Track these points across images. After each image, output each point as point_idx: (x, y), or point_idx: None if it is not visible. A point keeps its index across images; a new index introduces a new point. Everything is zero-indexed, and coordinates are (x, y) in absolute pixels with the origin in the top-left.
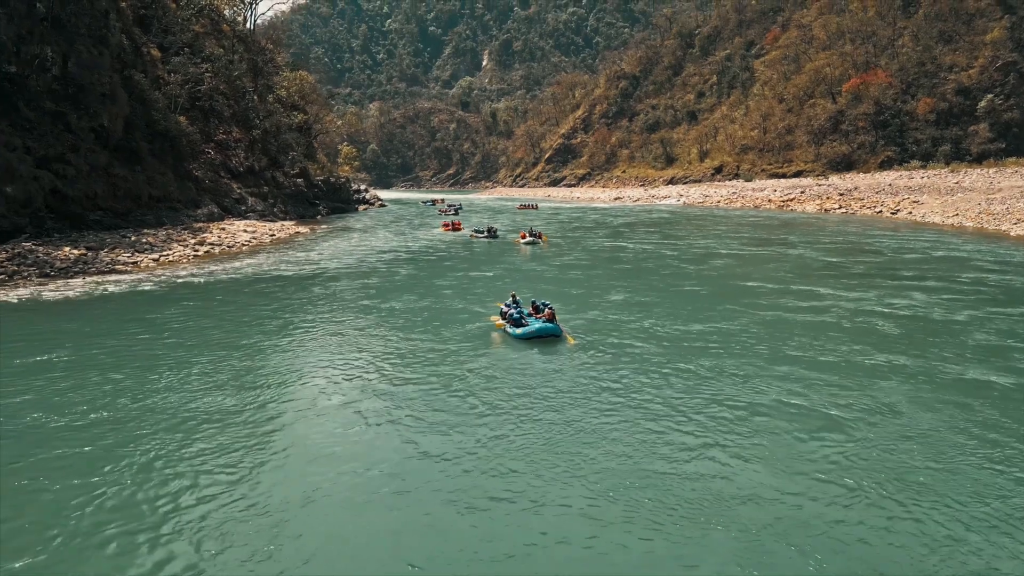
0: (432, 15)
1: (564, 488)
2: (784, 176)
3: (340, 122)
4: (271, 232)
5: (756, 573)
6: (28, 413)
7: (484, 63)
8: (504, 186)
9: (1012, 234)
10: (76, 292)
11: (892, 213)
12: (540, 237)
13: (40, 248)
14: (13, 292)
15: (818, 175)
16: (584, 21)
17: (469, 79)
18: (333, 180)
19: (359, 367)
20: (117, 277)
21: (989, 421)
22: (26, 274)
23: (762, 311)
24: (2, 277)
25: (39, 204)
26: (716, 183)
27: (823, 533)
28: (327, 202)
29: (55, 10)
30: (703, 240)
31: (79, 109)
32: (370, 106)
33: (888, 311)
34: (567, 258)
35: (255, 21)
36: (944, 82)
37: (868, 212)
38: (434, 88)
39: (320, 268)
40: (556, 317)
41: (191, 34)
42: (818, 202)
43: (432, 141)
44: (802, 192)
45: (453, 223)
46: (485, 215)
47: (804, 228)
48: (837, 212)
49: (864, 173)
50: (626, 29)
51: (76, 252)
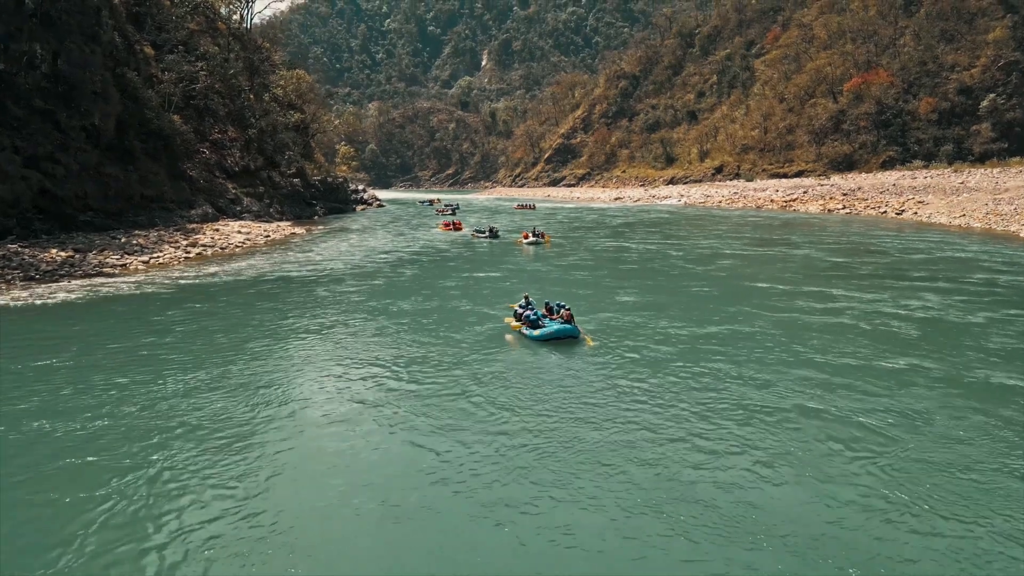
0: (431, 15)
1: (592, 500)
2: (785, 176)
3: (338, 122)
4: (266, 233)
5: None
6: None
7: (483, 63)
8: (504, 186)
9: (1022, 235)
10: (62, 296)
11: (897, 213)
12: (543, 237)
13: (26, 250)
14: None
15: (819, 175)
16: (584, 21)
17: (468, 79)
18: (331, 180)
19: (371, 372)
20: (104, 280)
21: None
22: (9, 277)
23: (776, 312)
24: None
25: (27, 205)
26: (717, 183)
27: (865, 548)
28: (324, 202)
29: (45, 6)
30: (707, 240)
31: (70, 107)
32: (369, 106)
33: (905, 313)
34: (571, 259)
35: (251, 19)
36: (946, 81)
37: (872, 212)
38: (433, 88)
39: (319, 269)
40: (574, 318)
41: (186, 32)
42: (821, 202)
43: (431, 141)
44: (805, 192)
45: (453, 223)
46: (484, 215)
47: (808, 229)
48: (841, 212)
49: (866, 173)
50: (626, 29)
51: (63, 254)
